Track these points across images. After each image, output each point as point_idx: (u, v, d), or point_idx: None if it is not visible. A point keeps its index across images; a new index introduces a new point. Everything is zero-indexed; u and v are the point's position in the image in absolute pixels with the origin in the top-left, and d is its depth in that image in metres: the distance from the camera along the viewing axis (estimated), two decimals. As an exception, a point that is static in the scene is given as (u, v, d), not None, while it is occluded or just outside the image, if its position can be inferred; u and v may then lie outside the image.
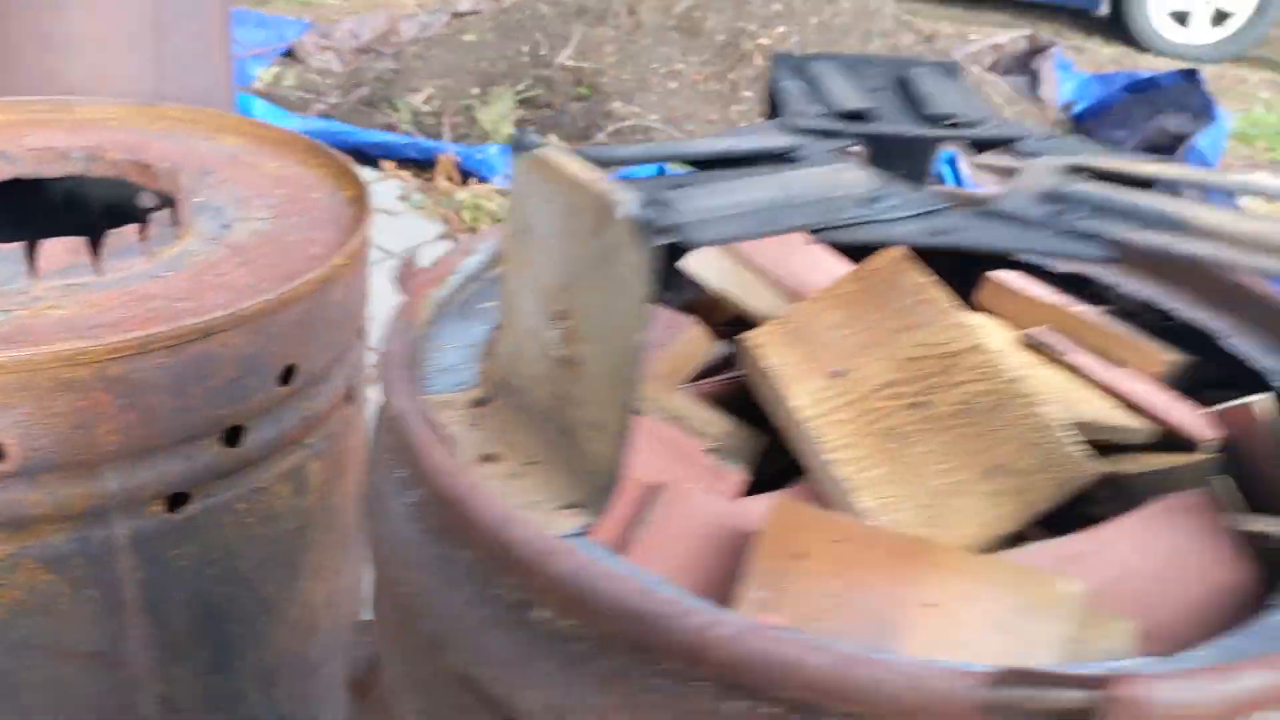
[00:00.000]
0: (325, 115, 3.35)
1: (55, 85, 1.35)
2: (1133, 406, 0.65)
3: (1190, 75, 3.57)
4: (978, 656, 0.46)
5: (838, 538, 0.50)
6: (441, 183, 2.84)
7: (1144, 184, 0.54)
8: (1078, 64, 5.18)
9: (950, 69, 0.70)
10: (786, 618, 0.47)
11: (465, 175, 2.91)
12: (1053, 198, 0.50)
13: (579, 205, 0.45)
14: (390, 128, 3.29)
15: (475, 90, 3.34)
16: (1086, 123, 3.75)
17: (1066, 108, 3.92)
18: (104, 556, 0.90)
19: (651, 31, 3.27)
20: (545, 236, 0.48)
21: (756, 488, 0.61)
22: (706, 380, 0.65)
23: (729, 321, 0.73)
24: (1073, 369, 0.68)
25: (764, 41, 3.20)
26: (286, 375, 0.91)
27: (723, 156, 0.53)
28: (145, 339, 0.79)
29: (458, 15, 4.14)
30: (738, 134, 0.57)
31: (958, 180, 2.61)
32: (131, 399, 0.81)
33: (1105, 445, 0.65)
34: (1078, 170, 0.55)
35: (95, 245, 0.91)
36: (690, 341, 0.70)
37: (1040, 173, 0.54)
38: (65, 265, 0.88)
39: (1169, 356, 0.69)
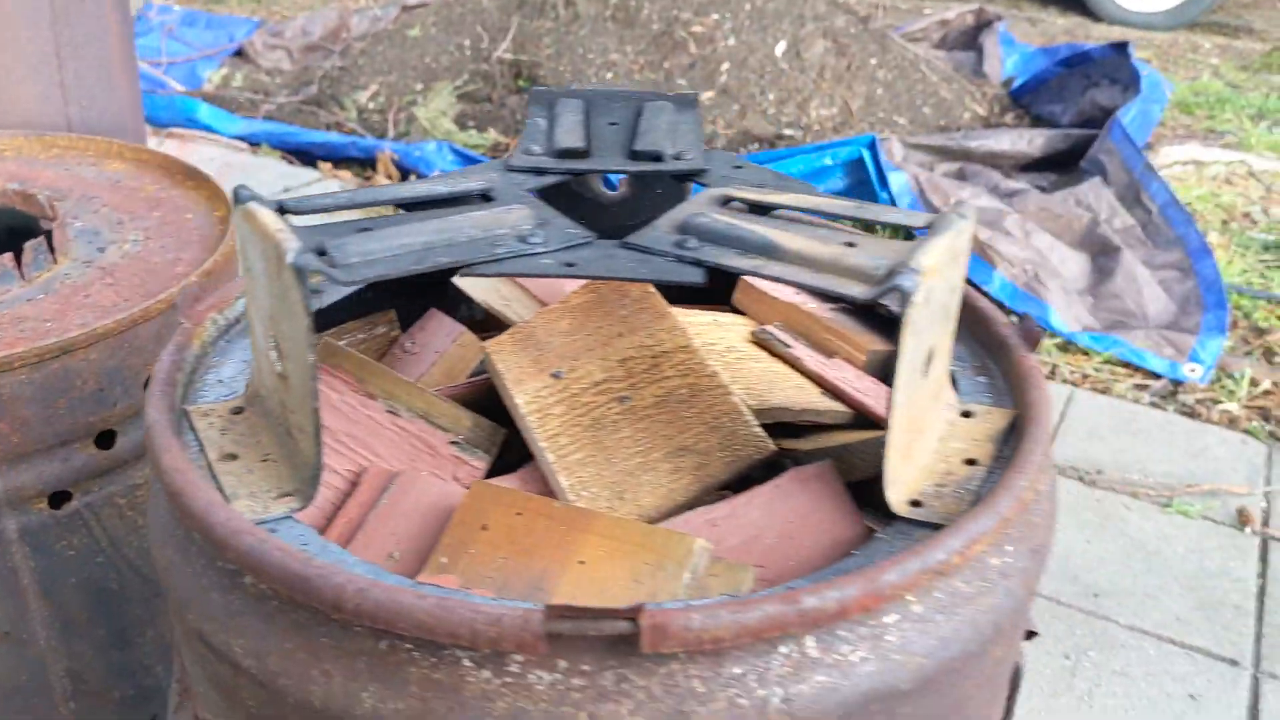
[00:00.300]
0: (271, 116, 3.44)
1: (-35, 115, 1.44)
2: (833, 391, 0.77)
3: (1121, 48, 3.64)
4: (614, 602, 0.57)
5: (518, 511, 0.61)
6: (381, 180, 2.94)
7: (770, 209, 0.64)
8: (1031, 36, 5.25)
9: (686, 101, 0.80)
10: (460, 578, 0.59)
11: (405, 172, 3.00)
12: (683, 229, 0.61)
13: (268, 251, 0.55)
14: (337, 126, 3.39)
15: (419, 86, 3.43)
16: (1024, 98, 3.84)
17: (1007, 83, 4.00)
18: (-2, 548, 1.01)
19: (588, 22, 3.35)
20: (258, 275, 0.59)
21: (502, 472, 0.72)
22: (458, 384, 0.76)
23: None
24: (790, 360, 0.79)
25: (697, 29, 3.28)
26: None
27: (423, 199, 0.64)
28: (7, 358, 0.90)
29: (407, 8, 4.22)
30: (449, 176, 0.68)
31: (878, 166, 2.71)
32: (1, 411, 0.92)
33: (807, 425, 0.76)
34: (728, 200, 0.65)
35: (-25, 272, 1.02)
36: (464, 348, 0.81)
37: (693, 204, 0.64)
38: (-54, 292, 0.99)
39: (874, 346, 0.80)
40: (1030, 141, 3.24)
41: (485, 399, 0.75)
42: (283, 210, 0.59)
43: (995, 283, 2.58)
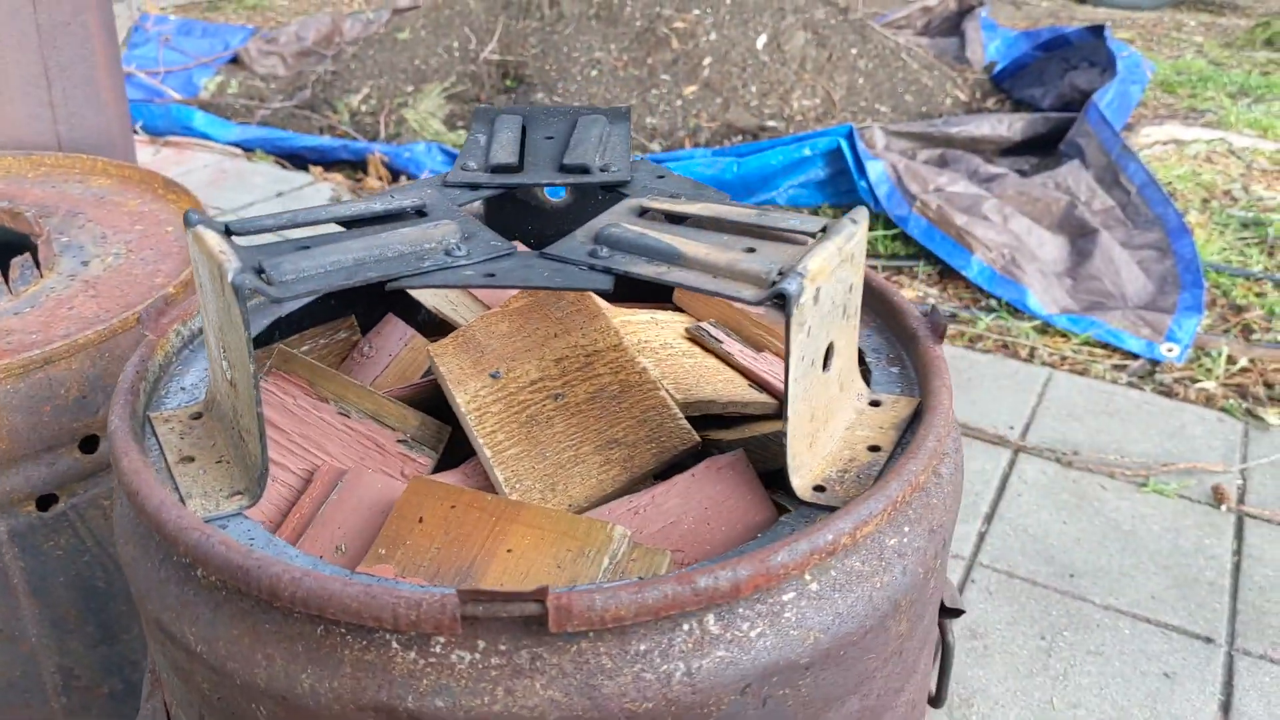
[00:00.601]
0: (266, 122, 3.49)
1: (-45, 135, 1.50)
2: (761, 384, 0.81)
3: (1097, 31, 3.66)
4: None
5: (453, 504, 0.66)
6: (372, 182, 2.99)
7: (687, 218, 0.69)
8: (1016, 19, 5.26)
9: (619, 114, 0.85)
10: (396, 567, 0.64)
11: (395, 173, 3.05)
12: (597, 238, 0.66)
13: (213, 270, 0.60)
14: (330, 129, 3.44)
15: (409, 88, 3.47)
16: (1006, 82, 3.86)
17: (989, 68, 4.03)
18: (-9, 550, 1.07)
19: (572, 21, 3.39)
20: (208, 291, 0.64)
21: (450, 467, 0.77)
22: (406, 385, 0.81)
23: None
24: (721, 355, 0.84)
25: (679, 25, 3.31)
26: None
27: (361, 217, 0.68)
28: (-9, 370, 0.95)
29: (398, 11, 4.26)
30: (388, 194, 0.72)
31: (856, 156, 2.74)
32: (-11, 419, 0.98)
33: (735, 416, 0.80)
34: (645, 210, 0.70)
35: (-38, 289, 1.07)
36: (415, 351, 0.86)
37: (610, 215, 0.69)
38: (-65, 309, 1.05)
39: (802, 340, 0.85)
40: (1010, 126, 3.27)
41: (432, 399, 0.80)
42: (229, 232, 0.64)
43: (973, 268, 2.62)
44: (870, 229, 2.88)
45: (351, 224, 0.68)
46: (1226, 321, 2.62)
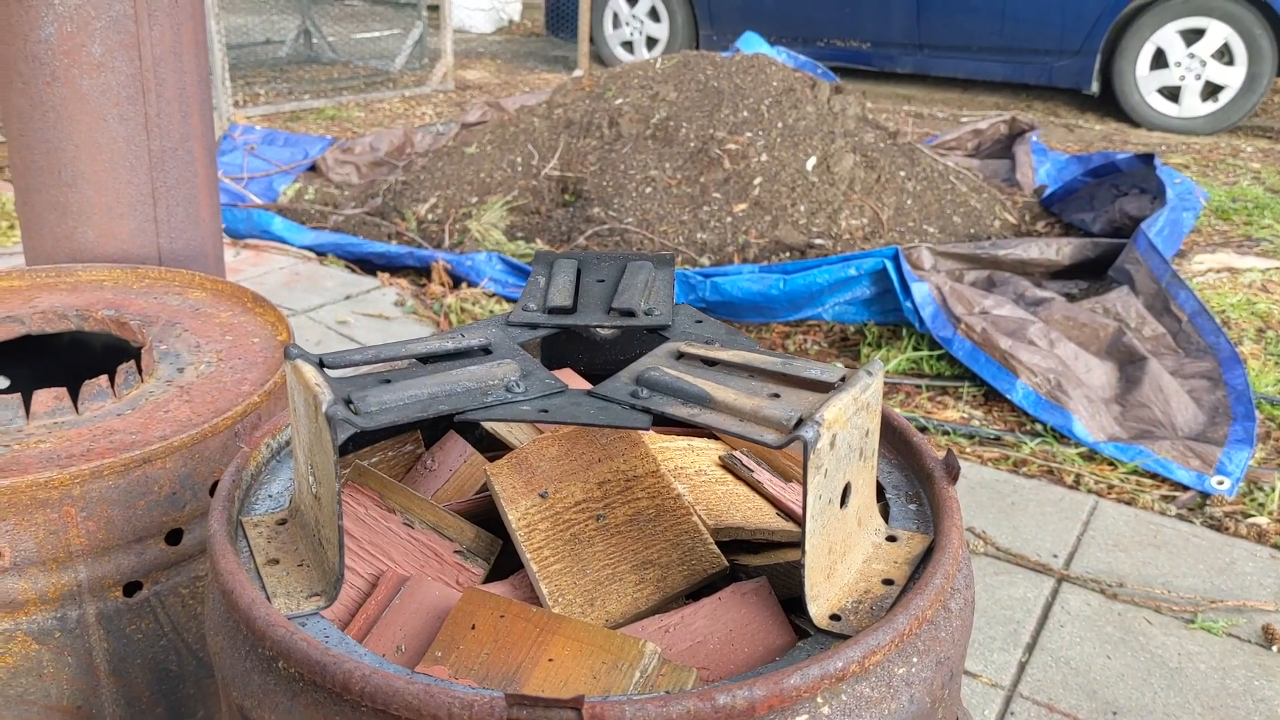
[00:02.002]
0: (339, 228, 3.72)
1: (72, 245, 1.68)
2: (787, 512, 0.88)
3: (1148, 159, 3.75)
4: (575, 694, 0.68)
5: (502, 614, 0.74)
6: (434, 288, 3.16)
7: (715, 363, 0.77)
8: (1069, 142, 5.39)
9: (664, 260, 0.95)
10: (450, 669, 0.71)
11: (456, 280, 3.22)
12: (638, 380, 0.74)
13: (309, 400, 0.70)
14: (398, 235, 3.65)
15: (474, 199, 3.69)
16: (1055, 206, 3.95)
17: (1038, 191, 4.13)
18: (78, 631, 1.16)
19: (630, 141, 3.59)
20: (301, 415, 0.73)
21: (499, 577, 0.85)
22: (464, 499, 0.89)
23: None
24: (751, 483, 0.91)
25: (732, 147, 3.49)
26: (216, 488, 1.18)
27: (434, 354, 0.78)
28: (98, 468, 1.06)
29: (467, 126, 4.55)
30: (458, 333, 0.83)
31: (901, 277, 2.83)
32: (90, 511, 1.08)
33: (763, 542, 0.87)
34: (682, 354, 0.79)
35: (75, 391, 1.20)
36: (472, 467, 0.95)
37: (652, 358, 0.78)
38: (51, 408, 1.17)
39: (828, 471, 0.92)
40: (1059, 250, 3.34)
41: (486, 512, 0.88)
42: (322, 365, 0.75)
43: (1018, 391, 2.65)
44: (915, 349, 2.94)
45: (427, 360, 0.78)
46: None
